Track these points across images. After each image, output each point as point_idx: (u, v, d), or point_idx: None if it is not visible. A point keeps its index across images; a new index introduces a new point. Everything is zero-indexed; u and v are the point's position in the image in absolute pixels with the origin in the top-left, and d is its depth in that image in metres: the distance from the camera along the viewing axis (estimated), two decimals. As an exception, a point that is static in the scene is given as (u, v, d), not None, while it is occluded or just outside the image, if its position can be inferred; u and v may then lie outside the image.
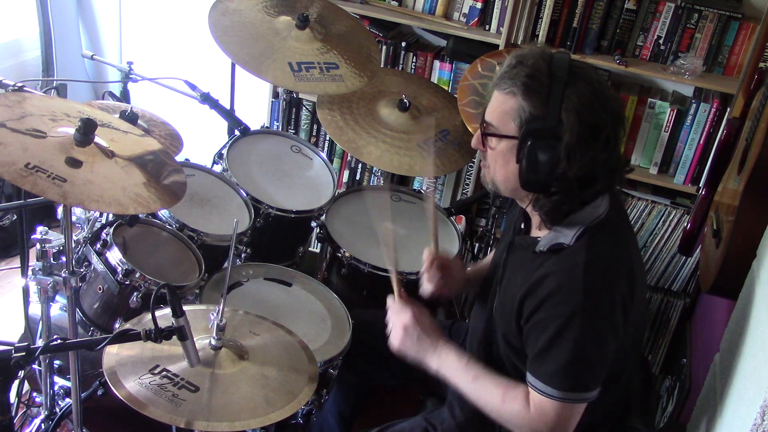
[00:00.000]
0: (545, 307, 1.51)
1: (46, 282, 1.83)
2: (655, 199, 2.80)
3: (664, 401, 2.59)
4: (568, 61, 1.49)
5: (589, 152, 1.46)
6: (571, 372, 1.49)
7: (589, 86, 1.48)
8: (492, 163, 1.58)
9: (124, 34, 3.58)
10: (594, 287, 1.49)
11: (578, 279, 1.48)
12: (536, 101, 1.47)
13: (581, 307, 1.47)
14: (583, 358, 1.49)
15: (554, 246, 1.55)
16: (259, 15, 2.48)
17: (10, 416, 1.42)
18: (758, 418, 1.36)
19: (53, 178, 1.45)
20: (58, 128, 1.58)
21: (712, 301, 2.50)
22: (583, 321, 1.47)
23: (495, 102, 1.54)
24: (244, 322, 1.76)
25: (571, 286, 1.48)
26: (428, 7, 2.91)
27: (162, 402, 1.45)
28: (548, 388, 1.50)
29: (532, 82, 1.47)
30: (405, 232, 2.46)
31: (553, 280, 1.51)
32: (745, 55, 2.63)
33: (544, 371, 1.51)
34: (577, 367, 1.49)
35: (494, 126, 1.54)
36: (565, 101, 1.45)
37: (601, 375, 1.52)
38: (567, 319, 1.48)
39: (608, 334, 1.51)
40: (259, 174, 2.47)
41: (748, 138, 1.92)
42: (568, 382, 1.49)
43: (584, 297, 1.47)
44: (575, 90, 1.46)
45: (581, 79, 1.48)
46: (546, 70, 1.47)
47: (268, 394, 1.54)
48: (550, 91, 1.46)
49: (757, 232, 1.73)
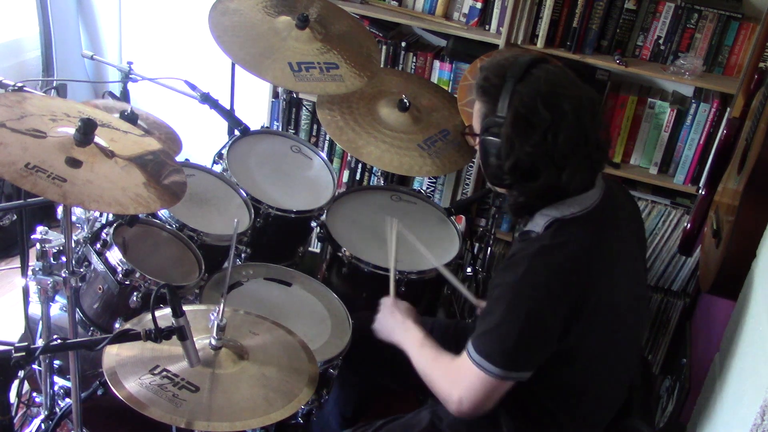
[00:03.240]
0: (495, 275, 1.65)
1: (46, 282, 1.82)
2: (655, 199, 2.80)
3: (664, 401, 2.59)
4: (527, 62, 1.57)
5: (525, 146, 1.54)
6: (488, 338, 1.54)
7: (537, 82, 1.54)
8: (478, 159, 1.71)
9: (124, 34, 3.58)
10: (536, 270, 1.53)
11: (527, 258, 1.54)
12: (488, 101, 1.59)
13: (516, 282, 1.53)
14: (501, 330, 1.52)
15: (524, 233, 1.63)
16: (259, 15, 2.48)
17: (10, 416, 1.42)
18: (758, 418, 1.36)
19: (53, 178, 1.44)
20: (58, 128, 1.58)
21: (712, 301, 2.50)
22: (513, 296, 1.53)
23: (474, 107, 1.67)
24: (245, 322, 1.76)
25: (518, 262, 1.55)
26: (428, 7, 2.91)
27: (162, 402, 1.45)
28: (469, 346, 1.56)
29: (485, 83, 1.59)
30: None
31: (507, 260, 1.60)
32: (745, 55, 2.63)
33: (476, 333, 1.56)
34: (494, 336, 1.53)
35: (472, 128, 1.68)
36: (512, 99, 1.54)
37: (516, 359, 1.53)
38: (503, 290, 1.55)
39: (533, 317, 1.52)
40: (259, 174, 2.47)
41: (748, 138, 1.92)
42: (482, 345, 1.54)
43: (523, 274, 1.52)
44: (523, 86, 1.54)
45: (534, 76, 1.54)
46: (500, 72, 1.57)
47: (269, 394, 1.54)
48: (500, 91, 1.55)
49: (756, 232, 1.73)
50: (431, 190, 3.11)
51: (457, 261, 2.39)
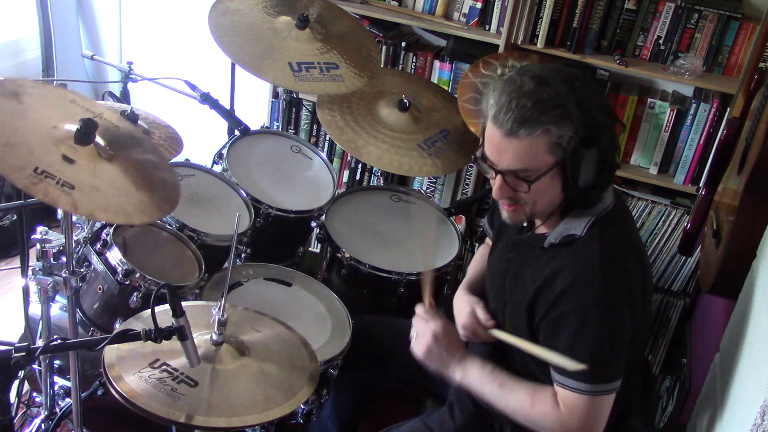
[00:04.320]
0: (564, 301, 1.50)
1: (46, 282, 1.82)
2: (655, 199, 2.80)
3: (664, 401, 2.59)
4: (553, 73, 1.49)
5: (614, 135, 1.52)
6: (599, 363, 1.49)
7: (587, 90, 1.50)
8: (531, 200, 1.55)
9: (124, 34, 3.58)
10: (611, 276, 1.50)
11: (595, 269, 1.49)
12: (561, 123, 1.45)
13: (601, 297, 1.48)
14: (606, 350, 1.50)
15: (566, 238, 1.56)
16: (259, 15, 2.48)
17: (10, 416, 1.42)
18: (758, 418, 1.36)
19: (62, 185, 1.45)
20: (59, 126, 1.58)
21: (712, 301, 2.50)
22: (604, 311, 1.49)
23: (516, 148, 1.48)
24: (246, 318, 1.76)
25: (589, 278, 1.49)
26: (428, 7, 2.91)
27: (160, 396, 1.45)
28: (576, 383, 1.50)
29: (546, 109, 1.45)
30: (405, 233, 2.46)
31: (568, 274, 1.51)
32: (745, 55, 2.63)
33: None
34: (602, 358, 1.50)
35: (530, 170, 1.50)
36: (580, 108, 1.46)
37: (623, 363, 1.53)
38: (587, 311, 1.49)
39: (627, 322, 1.52)
40: (259, 174, 2.47)
41: (748, 138, 1.92)
42: (597, 374, 1.49)
43: (603, 286, 1.48)
44: (580, 94, 1.47)
45: (571, 82, 1.49)
46: (547, 92, 1.46)
47: (268, 391, 1.54)
48: (565, 107, 1.45)
49: (757, 232, 1.73)
50: (431, 190, 3.11)
51: (456, 261, 2.39)
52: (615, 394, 1.53)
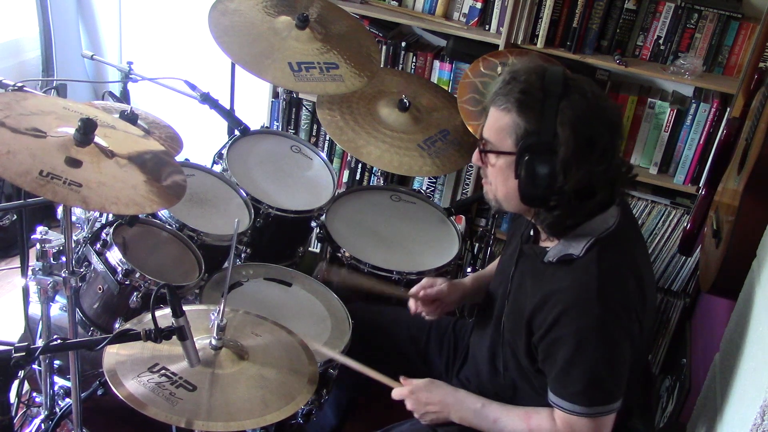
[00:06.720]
0: (561, 324, 1.50)
1: (46, 282, 1.83)
2: (655, 199, 2.80)
3: (664, 401, 2.59)
4: (562, 75, 1.49)
5: (586, 165, 1.46)
6: (595, 387, 1.49)
7: (584, 99, 1.48)
8: (493, 180, 1.58)
9: (124, 34, 3.58)
10: (609, 300, 1.49)
11: (592, 293, 1.48)
12: (530, 116, 1.48)
13: (599, 321, 1.47)
14: (605, 372, 1.49)
15: (563, 257, 1.55)
16: (259, 15, 2.48)
17: (10, 416, 1.42)
18: (758, 418, 1.36)
19: (69, 184, 1.46)
20: (58, 128, 1.58)
21: (712, 301, 2.50)
22: (602, 335, 1.48)
23: (491, 119, 1.54)
24: (246, 322, 1.76)
25: (586, 301, 1.48)
26: (428, 7, 2.91)
27: (158, 400, 1.45)
28: (575, 407, 1.51)
29: (525, 97, 1.48)
30: (405, 232, 2.46)
31: (565, 296, 1.50)
32: (745, 55, 2.63)
33: (569, 391, 1.51)
34: (600, 381, 1.50)
35: (492, 143, 1.55)
36: (559, 115, 1.45)
37: (624, 383, 1.53)
38: (585, 334, 1.48)
39: (626, 345, 1.51)
40: (259, 174, 2.47)
41: (748, 138, 1.92)
42: (593, 397, 1.50)
43: (601, 310, 1.47)
44: (569, 103, 1.46)
45: (575, 91, 1.48)
46: (539, 85, 1.48)
47: (266, 396, 1.54)
48: (544, 106, 1.46)
49: (757, 232, 1.73)
50: (431, 190, 3.11)
51: (456, 261, 2.39)
52: (616, 414, 1.53)
